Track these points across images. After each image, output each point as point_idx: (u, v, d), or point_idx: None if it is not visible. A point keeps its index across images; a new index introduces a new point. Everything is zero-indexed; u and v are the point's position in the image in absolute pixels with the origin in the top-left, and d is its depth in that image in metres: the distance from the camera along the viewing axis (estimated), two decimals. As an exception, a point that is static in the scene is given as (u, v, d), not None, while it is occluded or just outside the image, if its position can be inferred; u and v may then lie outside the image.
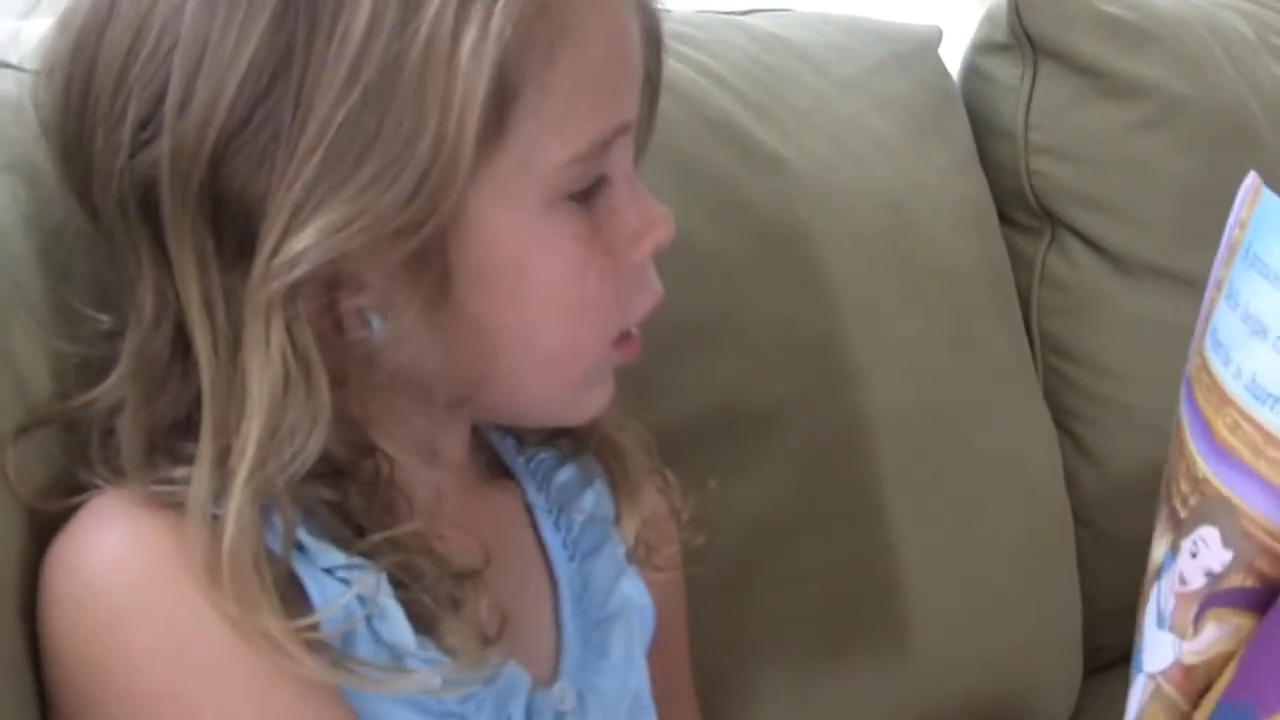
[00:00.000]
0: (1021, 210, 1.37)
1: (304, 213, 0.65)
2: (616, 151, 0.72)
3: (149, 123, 0.67)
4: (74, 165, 0.70)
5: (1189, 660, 0.61)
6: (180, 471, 0.68)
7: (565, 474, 0.85)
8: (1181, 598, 0.61)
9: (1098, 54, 1.35)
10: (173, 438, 0.69)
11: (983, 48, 1.39)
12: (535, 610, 0.81)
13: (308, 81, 0.64)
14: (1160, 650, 0.63)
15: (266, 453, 0.66)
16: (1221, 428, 0.60)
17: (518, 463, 0.85)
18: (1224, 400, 0.60)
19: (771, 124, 1.16)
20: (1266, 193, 0.62)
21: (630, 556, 0.84)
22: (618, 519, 0.85)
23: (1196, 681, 0.61)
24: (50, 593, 0.68)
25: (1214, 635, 0.60)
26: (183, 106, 0.66)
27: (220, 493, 0.66)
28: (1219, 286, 0.64)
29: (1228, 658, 0.60)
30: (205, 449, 0.67)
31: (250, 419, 0.66)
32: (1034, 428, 1.32)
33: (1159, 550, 0.65)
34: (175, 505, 0.67)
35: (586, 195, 0.71)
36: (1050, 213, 1.36)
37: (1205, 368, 0.63)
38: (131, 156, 0.67)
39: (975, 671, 1.21)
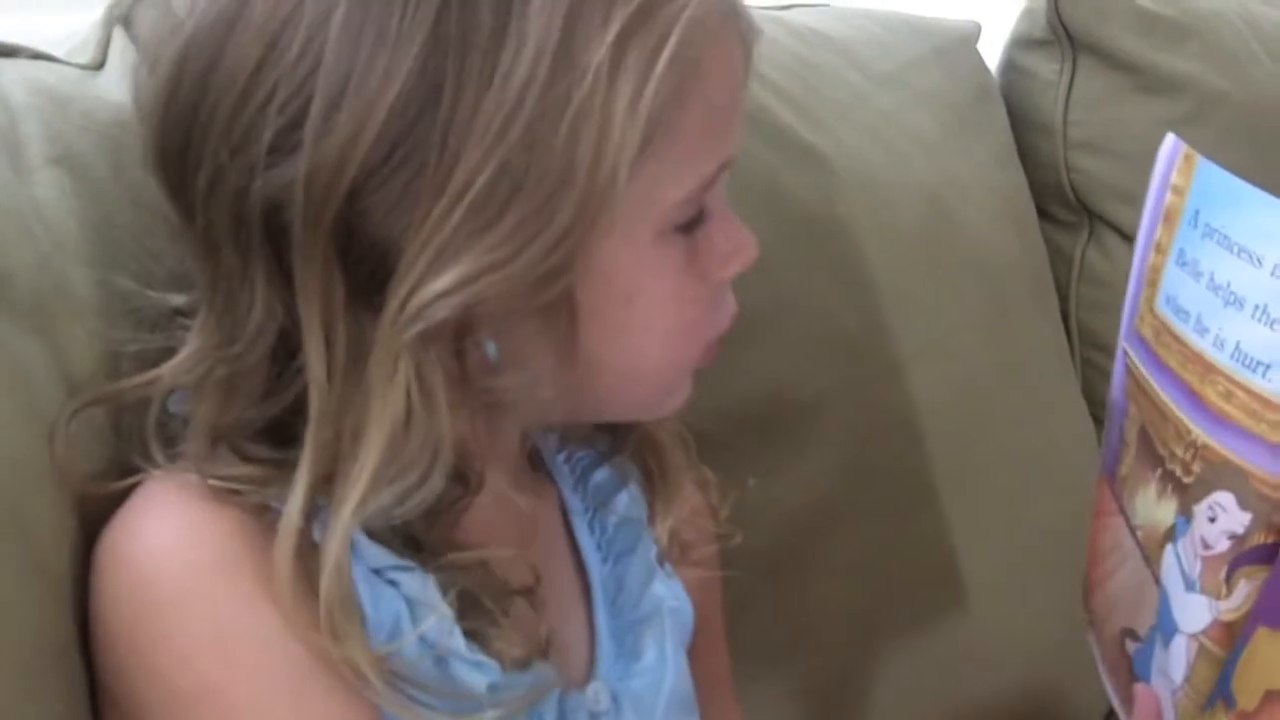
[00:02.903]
0: (1060, 205, 1.37)
1: (443, 258, 0.63)
2: (717, 183, 0.72)
3: (280, 147, 0.64)
4: (172, 168, 0.68)
5: (1227, 618, 0.62)
6: (242, 470, 0.67)
7: (601, 474, 0.84)
8: (1208, 561, 0.63)
9: (1136, 49, 1.35)
10: (240, 436, 0.69)
11: (1022, 43, 1.39)
12: (569, 611, 0.81)
13: (456, 122, 0.62)
14: (1195, 612, 0.64)
15: (379, 484, 0.65)
16: (1213, 395, 0.61)
17: (556, 460, 0.84)
18: (1209, 369, 0.62)
19: (810, 119, 1.16)
20: (1203, 162, 0.64)
21: (661, 558, 0.84)
22: (652, 519, 0.84)
23: (1237, 635, 0.62)
24: (101, 580, 0.68)
25: (1246, 591, 0.61)
26: (322, 136, 0.63)
27: (314, 516, 0.66)
28: (1158, 249, 0.65)
29: None
30: (303, 474, 0.66)
31: (367, 450, 0.65)
32: (1072, 423, 1.32)
33: (1164, 514, 0.66)
34: (231, 500, 0.67)
35: (688, 225, 0.71)
36: (1089, 208, 1.36)
37: (1168, 330, 0.64)
38: (259, 178, 0.64)
39: (1014, 666, 1.21)
